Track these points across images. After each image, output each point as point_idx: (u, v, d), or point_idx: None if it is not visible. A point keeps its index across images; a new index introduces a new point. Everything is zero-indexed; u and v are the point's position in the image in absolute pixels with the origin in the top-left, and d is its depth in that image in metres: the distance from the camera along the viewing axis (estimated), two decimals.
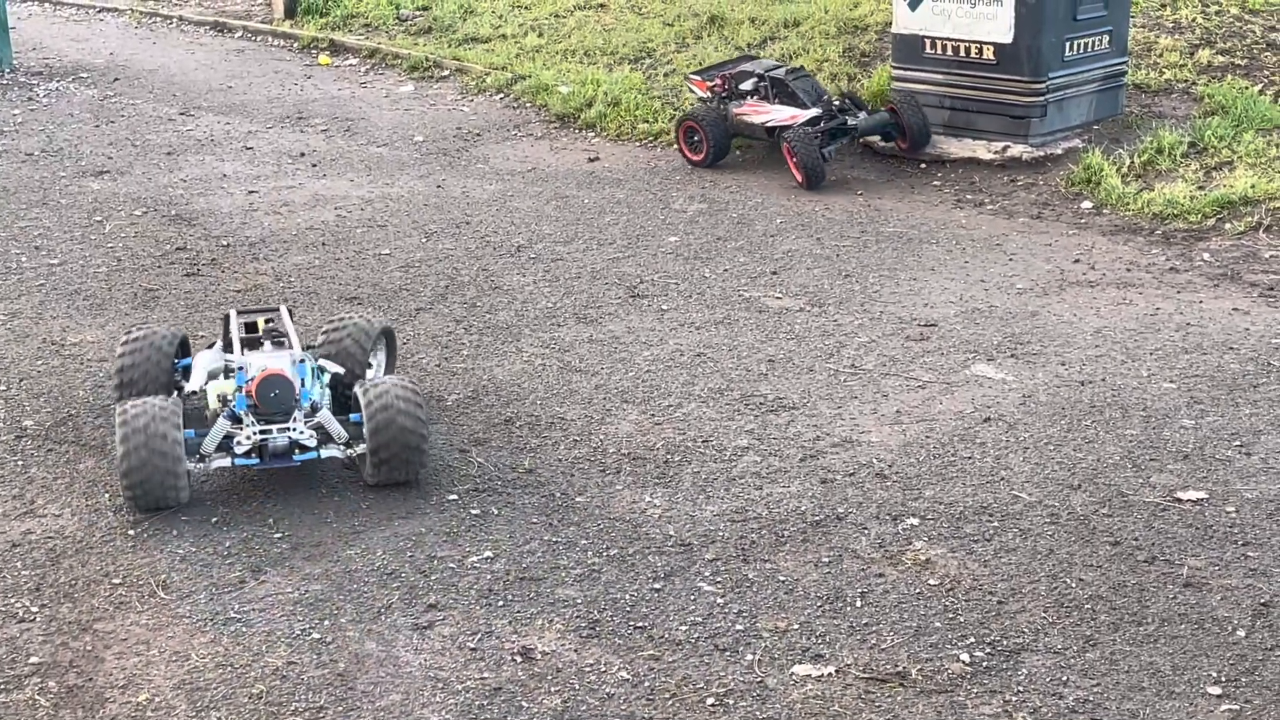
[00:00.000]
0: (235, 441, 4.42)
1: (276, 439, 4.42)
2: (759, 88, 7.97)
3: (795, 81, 7.90)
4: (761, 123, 7.84)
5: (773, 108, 7.84)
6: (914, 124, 7.75)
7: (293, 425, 4.44)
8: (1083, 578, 3.88)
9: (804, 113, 7.68)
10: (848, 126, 7.72)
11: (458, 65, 10.58)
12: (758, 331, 5.71)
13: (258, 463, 4.45)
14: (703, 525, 4.22)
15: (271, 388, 4.44)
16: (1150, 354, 5.33)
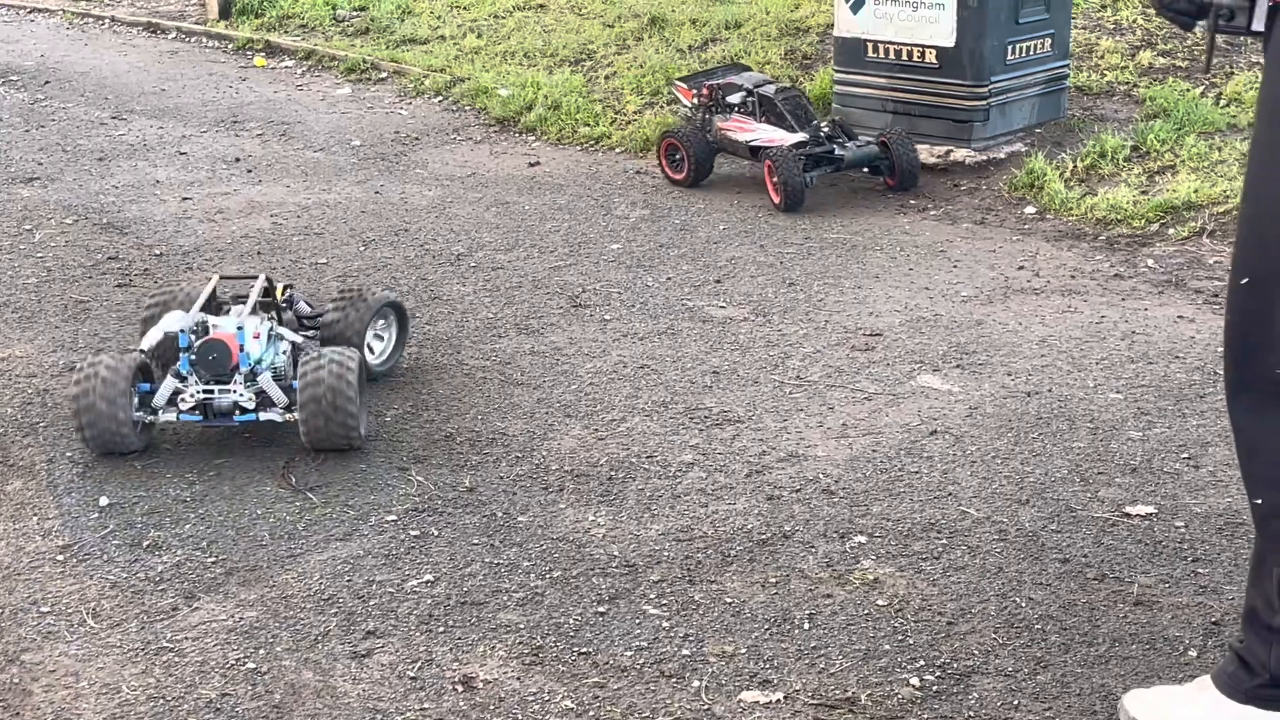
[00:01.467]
0: (180, 398, 4.74)
1: (219, 399, 4.74)
2: (746, 103, 7.61)
3: (784, 101, 7.51)
4: (746, 141, 7.48)
5: (759, 126, 7.48)
6: (905, 162, 7.36)
7: (233, 387, 4.73)
8: (1032, 596, 3.82)
9: (790, 136, 7.32)
10: (834, 156, 7.30)
11: (396, 67, 10.45)
12: (702, 342, 5.64)
13: (201, 419, 4.77)
14: (647, 545, 4.15)
15: (210, 351, 4.72)
16: (1096, 363, 5.30)
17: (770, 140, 7.36)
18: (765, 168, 7.30)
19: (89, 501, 4.45)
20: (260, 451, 4.77)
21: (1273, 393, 2.87)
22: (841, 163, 7.35)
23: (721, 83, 7.81)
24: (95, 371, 4.67)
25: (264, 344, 4.87)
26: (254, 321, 4.91)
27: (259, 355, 4.84)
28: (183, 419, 4.76)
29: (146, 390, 4.78)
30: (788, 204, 7.20)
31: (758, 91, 7.61)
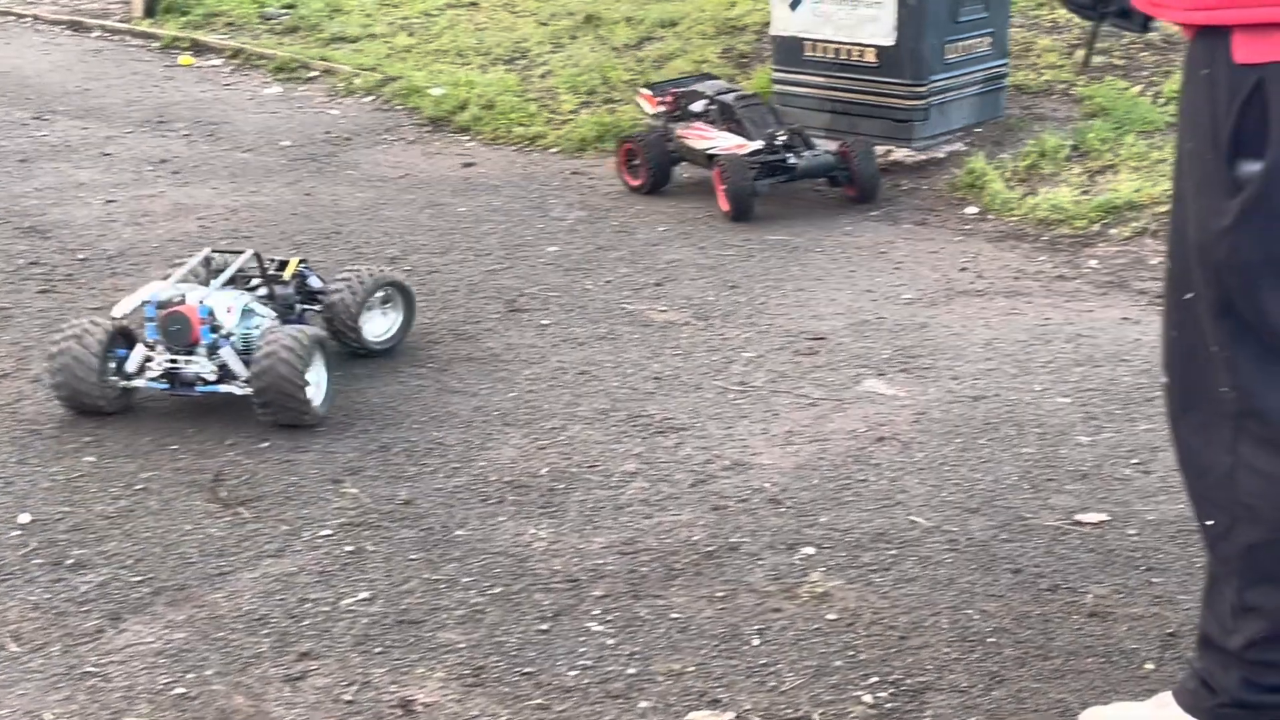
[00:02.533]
0: (148, 366, 4.91)
1: (184, 369, 4.89)
2: (708, 110, 7.39)
3: (744, 109, 7.28)
4: (704, 149, 7.25)
5: (718, 134, 7.25)
6: (865, 172, 7.11)
7: (196, 359, 4.87)
8: (985, 609, 3.74)
9: (748, 144, 7.09)
10: (787, 165, 7.15)
11: (326, 66, 10.27)
12: (643, 347, 5.53)
13: (168, 388, 4.92)
14: (591, 559, 4.03)
15: (172, 323, 4.86)
16: (1042, 367, 5.23)
17: (730, 148, 7.15)
18: (715, 175, 7.11)
19: (8, 518, 4.28)
20: (188, 464, 4.62)
21: (1220, 411, 2.77)
22: (794, 172, 7.13)
23: (687, 91, 7.59)
24: (74, 333, 4.88)
25: (236, 317, 4.98)
26: (228, 295, 5.03)
27: (230, 328, 4.96)
28: (150, 386, 4.91)
29: (124, 356, 4.95)
30: (736, 213, 7.00)
31: (718, 98, 7.42)
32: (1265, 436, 2.69)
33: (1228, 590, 2.89)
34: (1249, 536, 2.78)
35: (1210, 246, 2.65)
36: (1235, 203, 2.57)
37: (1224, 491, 2.81)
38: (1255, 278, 2.60)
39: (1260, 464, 2.72)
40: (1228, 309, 2.67)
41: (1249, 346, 2.67)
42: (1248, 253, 2.59)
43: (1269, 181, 2.53)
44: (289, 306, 5.31)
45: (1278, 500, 2.72)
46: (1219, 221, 2.61)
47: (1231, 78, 2.55)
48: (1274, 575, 2.80)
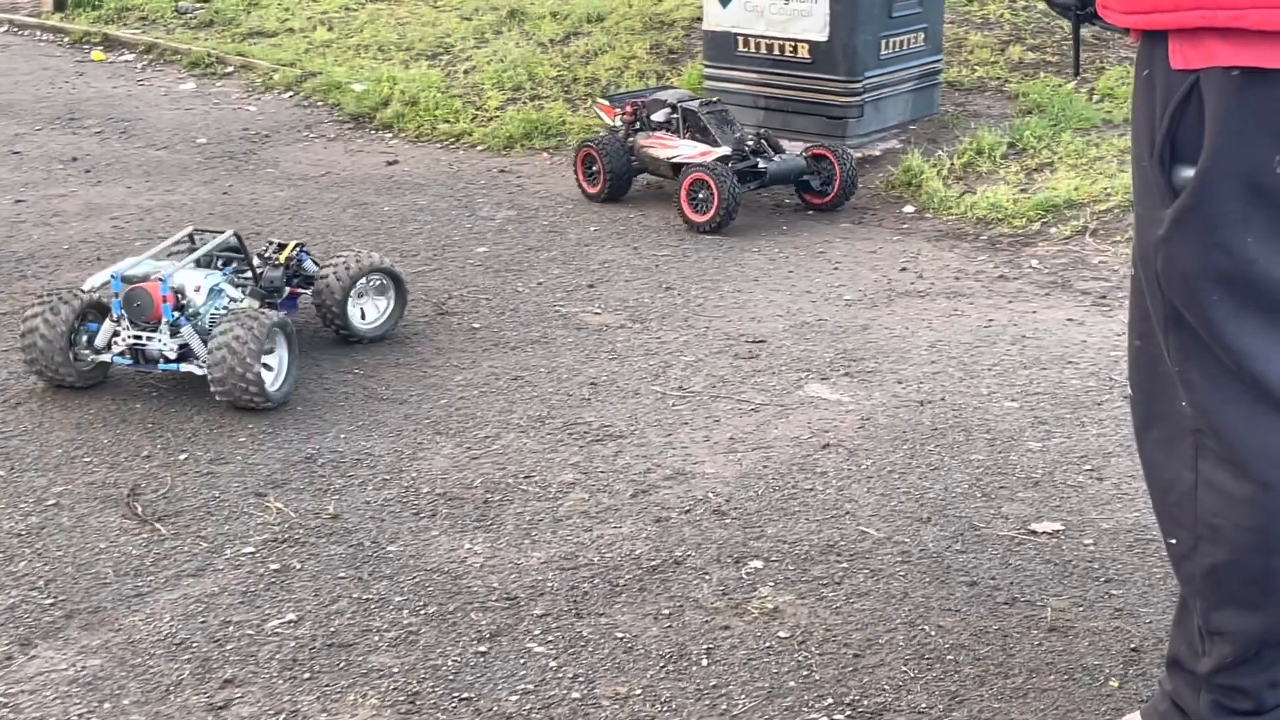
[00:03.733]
0: (114, 341, 4.95)
1: (148, 346, 4.92)
2: (671, 119, 7.20)
3: (708, 115, 7.10)
4: (668, 158, 7.06)
5: (682, 142, 7.02)
6: (848, 175, 6.83)
7: (159, 336, 4.91)
8: (942, 624, 3.59)
9: (715, 150, 6.92)
10: (757, 170, 6.86)
11: (243, 61, 10.01)
12: (577, 351, 5.35)
13: (132, 363, 4.96)
14: (529, 575, 3.85)
15: (135, 299, 4.88)
16: (988, 370, 5.10)
17: (694, 156, 6.90)
18: (684, 185, 6.77)
19: None
20: (103, 477, 4.39)
21: (1182, 426, 2.64)
22: (765, 177, 6.86)
23: (648, 100, 7.31)
24: (44, 306, 4.96)
25: (204, 296, 5.02)
26: (198, 273, 5.06)
27: (198, 307, 4.99)
28: (116, 361, 4.97)
29: (95, 330, 5.01)
30: (720, 221, 6.65)
31: (681, 106, 7.15)
32: (1223, 455, 2.57)
33: (1194, 612, 2.76)
34: (1212, 557, 2.65)
35: (1149, 257, 2.53)
36: (1169, 211, 2.45)
37: (1187, 510, 2.68)
38: (1196, 291, 2.47)
39: (1220, 482, 2.58)
40: (1178, 321, 2.54)
41: (1202, 362, 2.54)
42: (1184, 263, 2.46)
43: (1201, 188, 2.41)
44: (276, 289, 5.33)
45: (1240, 520, 2.59)
46: (1155, 231, 2.49)
47: (1168, 81, 2.43)
48: (1239, 598, 2.67)
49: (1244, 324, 2.47)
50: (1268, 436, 2.53)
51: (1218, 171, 2.40)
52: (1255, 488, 2.54)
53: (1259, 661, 2.73)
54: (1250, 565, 2.62)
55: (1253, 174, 2.38)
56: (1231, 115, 2.36)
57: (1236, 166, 2.39)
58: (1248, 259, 2.43)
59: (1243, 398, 2.52)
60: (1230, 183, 2.40)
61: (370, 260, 5.43)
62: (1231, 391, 2.52)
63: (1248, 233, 2.41)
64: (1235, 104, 2.36)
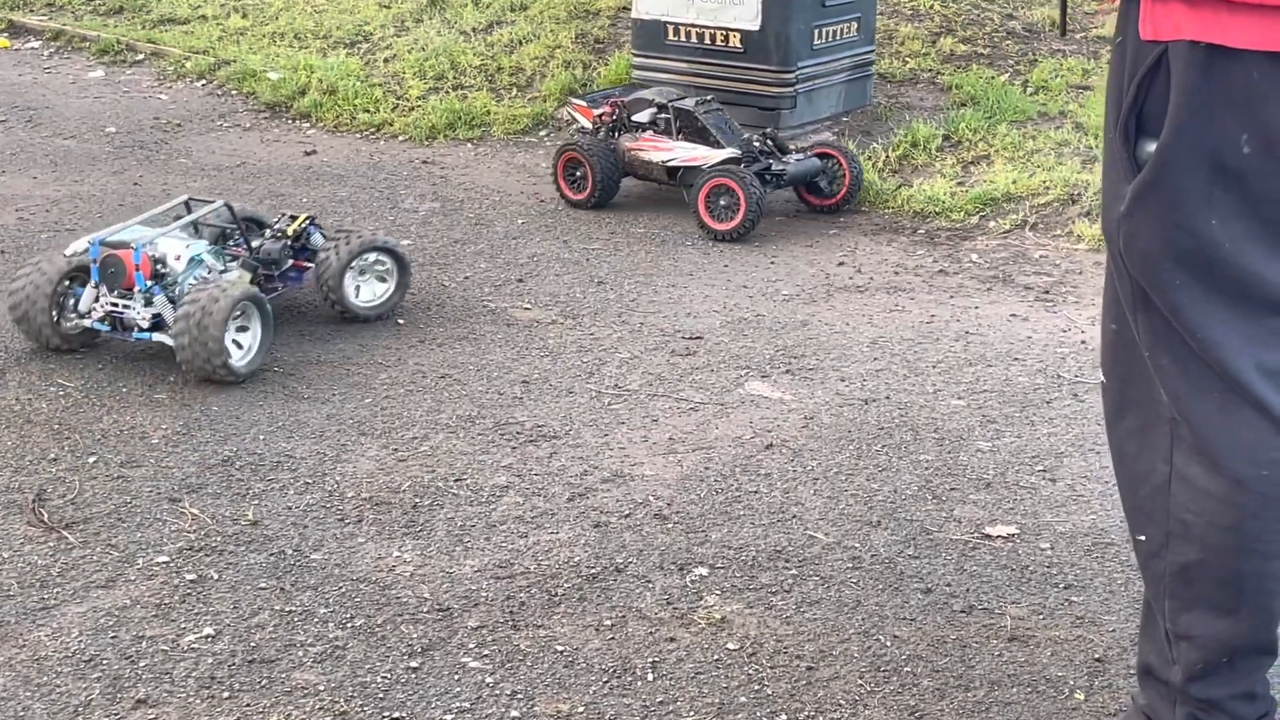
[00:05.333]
0: (93, 307, 4.95)
1: (125, 313, 4.91)
2: (658, 120, 6.77)
3: (707, 115, 6.69)
4: (662, 161, 6.62)
5: (676, 144, 6.63)
6: (856, 174, 6.52)
7: (134, 304, 4.89)
8: (897, 634, 3.43)
9: (717, 153, 6.49)
10: (774, 171, 6.44)
11: (154, 49, 9.69)
12: (508, 348, 5.14)
13: (109, 330, 4.97)
14: (463, 584, 3.64)
15: (109, 265, 4.89)
16: (933, 367, 4.95)
17: (693, 159, 6.51)
18: (702, 191, 6.32)
19: None
20: (6, 482, 4.13)
21: (1157, 415, 2.49)
22: (782, 178, 6.47)
23: (627, 100, 6.89)
24: (32, 269, 5.00)
25: (183, 265, 5.00)
26: (180, 242, 5.06)
27: (176, 276, 4.98)
28: (95, 327, 4.98)
29: (80, 294, 5.01)
30: (746, 229, 6.24)
31: (674, 105, 6.71)
32: (1195, 446, 2.42)
33: (1160, 615, 2.62)
34: (1183, 555, 2.51)
35: (1113, 234, 2.40)
36: (1131, 186, 2.32)
37: (1158, 504, 2.53)
38: (1158, 272, 2.33)
39: (1194, 477, 2.44)
40: (1146, 302, 2.40)
41: (1172, 347, 2.40)
42: (1145, 242, 2.33)
43: (1162, 164, 2.27)
44: (273, 261, 5.30)
45: (1213, 518, 2.45)
46: (1117, 207, 2.37)
47: (1138, 50, 2.31)
48: (1209, 600, 2.53)
49: (1209, 310, 2.33)
50: (1240, 429, 2.38)
51: (1181, 148, 2.26)
52: (1228, 484, 2.40)
53: (1233, 670, 2.59)
54: (1222, 566, 2.48)
55: (1217, 154, 2.25)
56: (1197, 91, 2.23)
57: (1201, 145, 2.25)
58: (1212, 241, 2.29)
59: (1214, 387, 2.38)
60: (1193, 161, 2.26)
61: (370, 238, 5.35)
62: (1203, 380, 2.38)
63: (1211, 214, 2.28)
64: (1201, 80, 2.22)
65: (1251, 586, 2.49)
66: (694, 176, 6.45)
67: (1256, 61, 2.19)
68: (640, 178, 6.82)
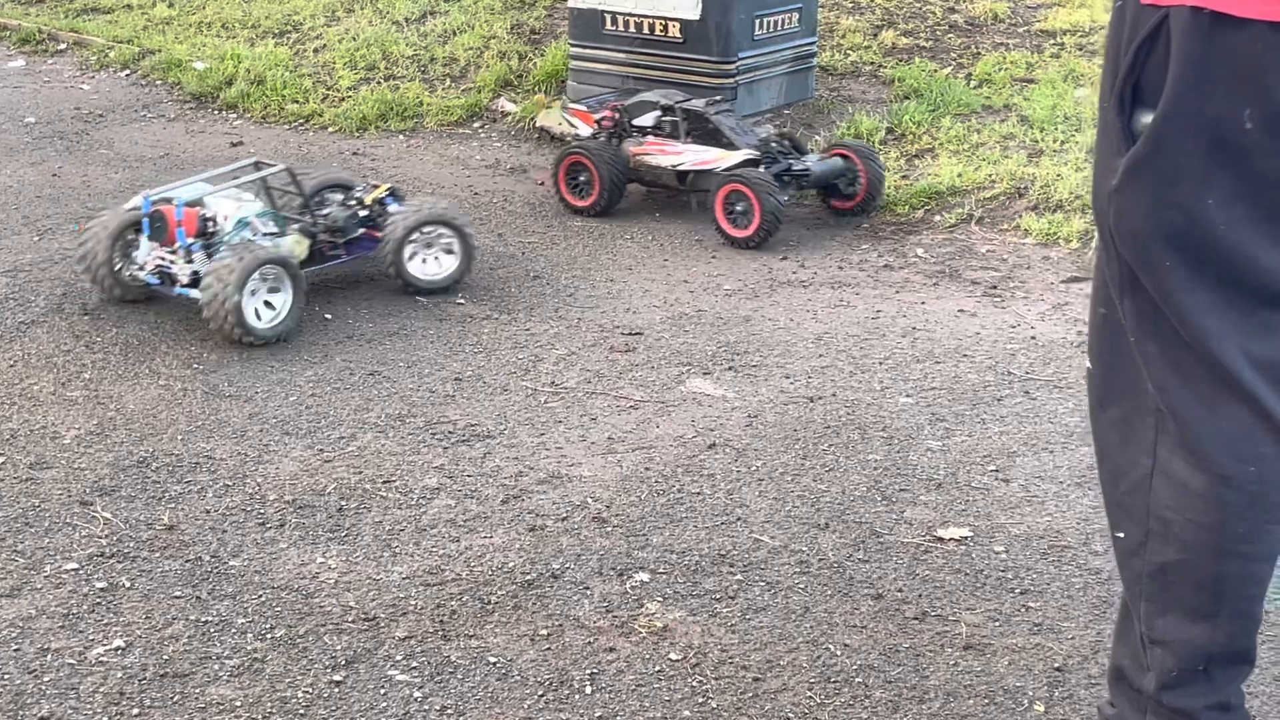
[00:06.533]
0: (145, 260, 5.05)
1: (171, 268, 5.00)
2: (663, 123, 6.37)
3: (718, 115, 6.29)
4: (671, 165, 6.24)
5: (686, 147, 6.24)
6: (875, 175, 6.17)
7: (177, 260, 4.99)
8: (848, 642, 3.27)
9: (732, 155, 6.10)
10: (794, 172, 6.04)
11: (76, 38, 9.41)
12: (439, 344, 4.95)
13: (158, 283, 5.05)
14: (390, 592, 3.45)
15: (155, 220, 4.98)
16: (880, 363, 4.80)
17: (704, 162, 6.15)
18: (719, 196, 5.96)
19: None
20: None
21: (1142, 406, 2.33)
22: (806, 180, 6.10)
23: (628, 103, 6.51)
24: (98, 222, 5.16)
25: (230, 225, 5.05)
26: (230, 203, 5.12)
27: (223, 235, 5.02)
28: (146, 279, 5.06)
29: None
30: (762, 234, 5.87)
31: (681, 106, 6.32)
32: (1181, 441, 2.27)
33: (1136, 618, 2.46)
34: (1161, 555, 2.36)
35: (1103, 210, 2.25)
36: (1123, 160, 2.17)
37: (1138, 500, 2.37)
38: (1148, 252, 2.18)
39: (1176, 471, 2.29)
40: (1134, 284, 2.25)
41: (1159, 333, 2.25)
42: (1136, 219, 2.18)
43: (1158, 136, 2.12)
44: (338, 229, 5.34)
45: (1193, 515, 2.30)
46: (1109, 181, 2.21)
47: (1137, 15, 2.15)
48: (1186, 604, 2.38)
49: (1200, 296, 2.18)
50: (1227, 423, 2.23)
51: (1178, 120, 2.10)
52: (1212, 480, 2.25)
53: (1209, 680, 2.44)
54: (1201, 568, 2.33)
55: (1217, 128, 2.09)
56: (1198, 61, 2.07)
57: (1200, 118, 2.09)
58: (1207, 223, 2.14)
59: (1202, 377, 2.23)
60: (1191, 135, 2.10)
61: (430, 211, 5.34)
62: (1190, 369, 2.23)
63: (1208, 193, 2.12)
64: (1203, 50, 2.07)
65: (1232, 590, 2.35)
66: (707, 181, 6.12)
67: (1263, 32, 2.03)
68: (647, 184, 6.45)
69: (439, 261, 5.37)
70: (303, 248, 5.20)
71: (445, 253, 5.37)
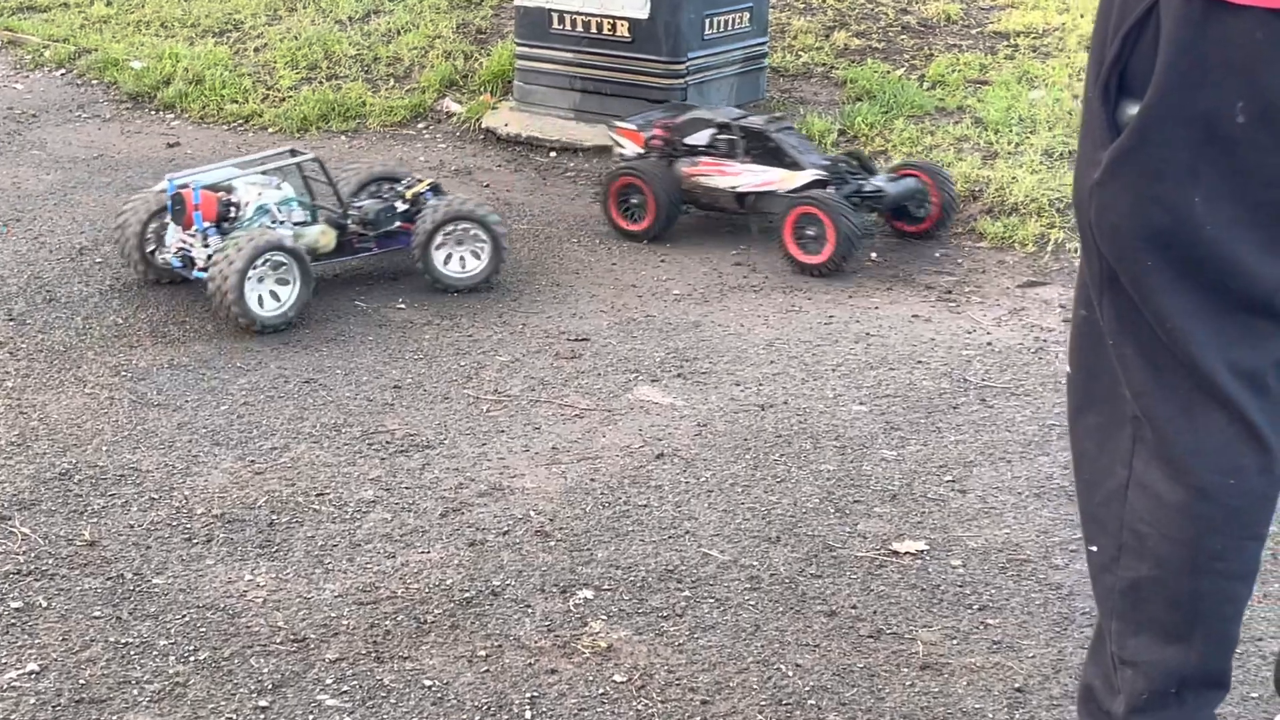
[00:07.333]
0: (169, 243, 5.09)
1: (191, 251, 5.02)
2: (718, 142, 5.92)
3: (780, 133, 5.87)
4: (729, 187, 5.82)
5: (744, 167, 5.80)
6: (948, 197, 5.81)
7: (195, 243, 5.00)
8: (800, 662, 3.13)
9: (797, 175, 5.69)
10: (867, 193, 5.68)
11: (10, 37, 9.18)
12: (378, 350, 4.79)
13: (180, 267, 5.08)
14: (321, 611, 3.29)
15: (175, 204, 4.98)
16: (833, 370, 4.66)
17: (766, 183, 5.73)
18: (788, 220, 5.54)
19: None
20: None
21: (1121, 413, 2.22)
22: (879, 201, 5.73)
23: (680, 121, 6.06)
24: (131, 204, 5.22)
25: (250, 211, 5.04)
26: (250, 189, 5.11)
27: (243, 221, 5.02)
28: (170, 262, 5.10)
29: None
30: (837, 261, 5.47)
31: (739, 124, 5.89)
32: (1158, 451, 2.16)
33: (1108, 636, 2.34)
34: (1133, 571, 2.25)
35: (1083, 204, 2.14)
36: (1107, 153, 2.06)
37: (1113, 512, 2.26)
38: (1130, 250, 2.07)
39: (1152, 483, 2.18)
40: (1113, 284, 2.14)
41: (1138, 336, 2.14)
42: (1118, 215, 2.07)
43: (1145, 128, 2.01)
44: (369, 221, 5.29)
45: (1168, 530, 2.18)
46: (1091, 174, 2.10)
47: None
48: (1159, 623, 2.26)
49: (1181, 299, 2.07)
50: (1207, 433, 2.12)
51: (1166, 112, 1.99)
52: (1189, 493, 2.14)
53: (1180, 704, 2.32)
54: (1175, 585, 2.22)
55: (1208, 121, 1.97)
56: (1189, 49, 1.95)
57: (1189, 110, 1.98)
58: (1192, 222, 2.02)
59: (1181, 384, 2.12)
60: (1180, 128, 1.99)
61: (458, 207, 5.28)
62: (1170, 375, 2.12)
63: (1195, 190, 2.01)
64: (1195, 37, 1.95)
65: (1207, 609, 2.23)
66: (769, 203, 5.76)
67: (1260, 19, 1.91)
68: (702, 207, 6.03)
69: (469, 260, 5.31)
70: (329, 238, 5.17)
71: (476, 250, 5.31)
